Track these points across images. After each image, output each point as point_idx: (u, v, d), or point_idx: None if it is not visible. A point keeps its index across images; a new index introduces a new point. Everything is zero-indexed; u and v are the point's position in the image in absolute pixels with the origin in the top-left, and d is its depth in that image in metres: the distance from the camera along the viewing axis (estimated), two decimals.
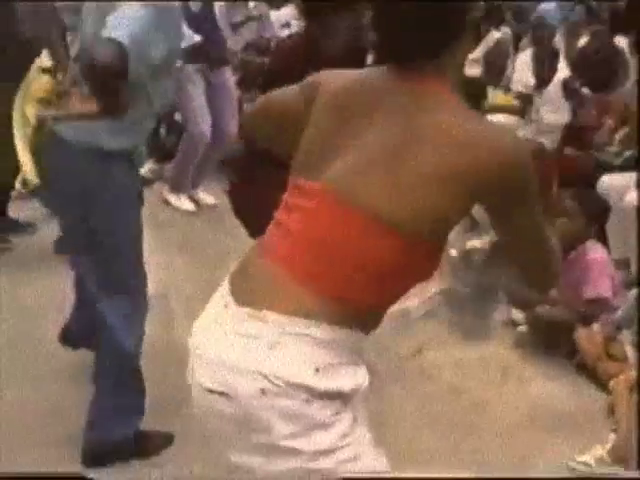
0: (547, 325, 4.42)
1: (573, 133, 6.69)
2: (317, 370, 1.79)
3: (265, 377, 1.78)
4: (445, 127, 1.79)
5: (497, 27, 8.06)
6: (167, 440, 3.53)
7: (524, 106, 7.05)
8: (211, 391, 1.85)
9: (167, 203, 6.57)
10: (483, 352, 4.43)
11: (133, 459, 3.40)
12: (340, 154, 1.88)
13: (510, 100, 7.34)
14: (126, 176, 3.24)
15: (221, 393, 1.82)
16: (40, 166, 3.38)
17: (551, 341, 4.42)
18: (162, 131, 7.34)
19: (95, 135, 3.10)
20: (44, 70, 4.09)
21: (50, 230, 4.31)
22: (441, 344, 4.50)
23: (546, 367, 4.29)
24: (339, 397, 1.83)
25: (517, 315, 4.70)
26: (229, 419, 1.83)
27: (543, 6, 8.87)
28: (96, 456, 3.36)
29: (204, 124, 6.36)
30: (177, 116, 7.00)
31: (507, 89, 7.62)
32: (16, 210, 5.72)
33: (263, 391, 1.78)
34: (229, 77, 6.64)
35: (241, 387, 1.80)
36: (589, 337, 4.25)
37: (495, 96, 7.30)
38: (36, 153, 3.42)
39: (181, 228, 6.14)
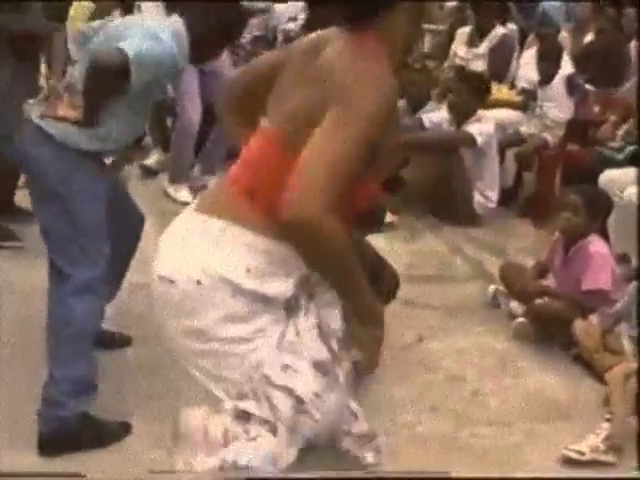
0: (545, 317, 4.46)
1: (576, 129, 6.75)
2: (248, 270, 2.09)
3: (202, 270, 2.10)
4: (333, 54, 2.09)
5: (503, 23, 8.08)
6: (125, 429, 3.58)
7: (528, 101, 7.10)
8: (161, 277, 2.17)
9: (167, 194, 6.54)
10: (482, 342, 4.48)
11: (88, 447, 3.42)
12: (283, 93, 2.20)
13: (514, 95, 7.38)
14: (92, 173, 3.49)
15: (168, 279, 2.15)
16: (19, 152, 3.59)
17: (549, 333, 4.47)
18: (167, 122, 7.37)
19: (71, 135, 3.40)
20: None
21: None
22: (441, 334, 4.55)
23: (543, 358, 4.34)
24: (263, 300, 2.12)
25: (515, 307, 4.74)
26: (171, 303, 2.15)
27: (548, 2, 8.90)
28: (50, 438, 3.41)
29: (193, 112, 6.35)
30: None
31: (511, 84, 7.66)
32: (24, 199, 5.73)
33: (199, 282, 2.09)
34: (223, 64, 6.58)
35: (182, 276, 2.12)
36: (587, 329, 4.30)
37: (499, 91, 7.33)
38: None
39: None
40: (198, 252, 2.12)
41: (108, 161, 3.72)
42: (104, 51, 3.28)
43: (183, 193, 6.42)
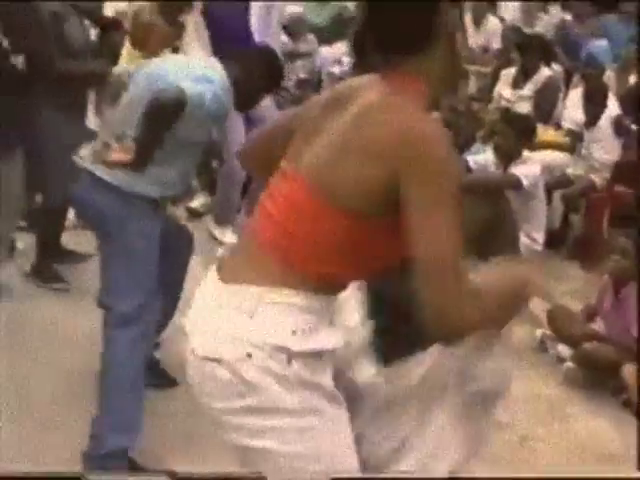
0: (594, 362, 4.41)
1: (623, 170, 6.70)
2: (294, 332, 2.00)
3: (249, 343, 1.98)
4: (376, 108, 2.01)
5: (548, 64, 8.07)
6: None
7: (574, 143, 7.06)
8: (206, 358, 2.04)
9: (213, 237, 6.56)
10: (530, 388, 4.43)
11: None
12: (315, 141, 2.10)
13: (560, 137, 7.35)
14: (147, 215, 3.59)
15: (214, 359, 2.02)
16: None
17: (598, 378, 4.41)
18: (214, 164, 7.42)
19: (125, 180, 3.51)
20: None
21: None
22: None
23: (593, 404, 4.28)
24: (316, 356, 2.03)
25: (564, 351, 4.69)
26: (224, 382, 2.01)
27: (594, 43, 8.88)
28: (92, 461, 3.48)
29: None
30: None
31: (557, 126, 7.63)
32: (71, 241, 5.79)
33: (249, 355, 1.98)
34: (268, 112, 6.63)
35: (230, 353, 2.00)
36: (637, 374, 4.24)
37: (545, 133, 7.30)
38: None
39: None
40: (240, 325, 2.01)
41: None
42: (165, 89, 3.34)
43: (229, 235, 6.46)
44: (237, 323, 2.02)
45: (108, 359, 3.58)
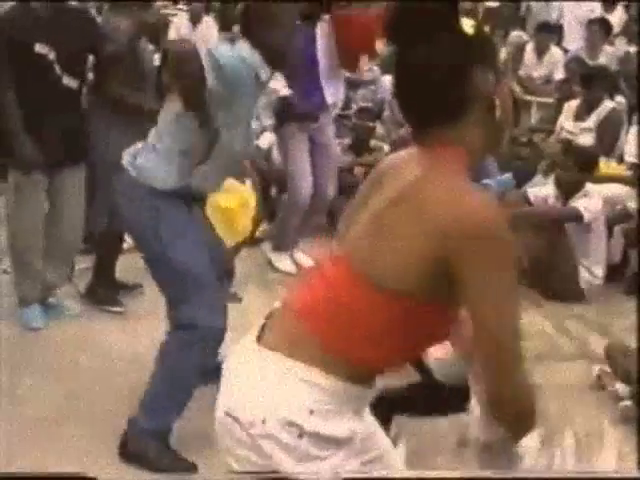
0: None
1: None
2: (311, 412, 2.01)
3: (267, 410, 2.01)
4: (422, 188, 1.95)
5: (611, 96, 8.00)
6: (187, 468, 3.78)
7: (637, 177, 6.98)
8: (227, 414, 2.09)
9: (270, 263, 6.58)
10: (587, 425, 4.36)
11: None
12: (359, 220, 2.10)
13: (622, 170, 7.27)
14: (176, 211, 3.75)
15: (233, 417, 2.07)
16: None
17: None
18: (273, 191, 7.47)
19: (155, 176, 3.73)
20: None
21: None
22: (545, 415, 4.44)
23: None
24: (331, 441, 2.03)
25: (622, 389, 4.62)
26: (238, 441, 2.07)
27: None
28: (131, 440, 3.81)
29: (305, 186, 6.32)
30: None
31: (620, 159, 7.55)
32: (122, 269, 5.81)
33: (264, 421, 2.01)
34: (332, 137, 6.66)
35: (247, 415, 2.04)
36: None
37: (607, 166, 7.23)
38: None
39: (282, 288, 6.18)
40: (262, 392, 2.04)
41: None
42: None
43: (286, 263, 6.47)
44: (260, 389, 2.05)
45: (159, 361, 3.80)
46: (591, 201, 6.22)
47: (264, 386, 2.04)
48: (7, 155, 4.98)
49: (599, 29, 9.78)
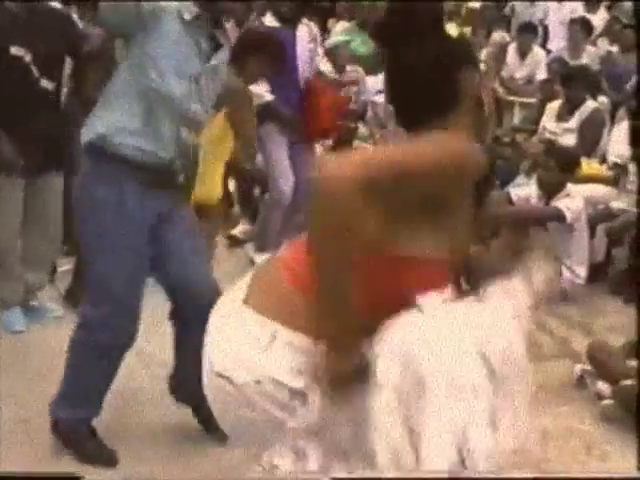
0: (634, 399, 4.34)
1: None
2: (300, 372, 2.19)
3: (259, 372, 2.20)
4: None
5: (593, 96, 8.01)
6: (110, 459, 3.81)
7: (619, 176, 7.00)
8: (219, 374, 2.25)
9: (253, 263, 6.52)
10: (567, 424, 4.38)
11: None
12: None
13: (604, 170, 7.29)
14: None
15: (226, 377, 2.23)
16: None
17: (637, 415, 4.34)
18: (255, 191, 7.46)
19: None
20: None
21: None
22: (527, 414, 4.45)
23: (631, 442, 4.20)
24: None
25: (604, 388, 4.63)
26: (235, 400, 2.23)
27: None
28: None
29: (285, 184, 6.38)
30: None
31: (602, 159, 7.57)
32: None
33: (258, 381, 2.20)
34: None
35: (240, 376, 2.21)
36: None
37: (589, 166, 7.24)
38: None
39: None
40: (253, 355, 2.20)
41: None
42: None
43: None
44: (251, 352, 2.21)
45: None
46: (573, 201, 6.24)
47: (254, 349, 2.20)
48: None
49: (580, 29, 9.79)
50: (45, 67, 4.81)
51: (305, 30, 6.60)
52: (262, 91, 6.05)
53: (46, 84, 4.84)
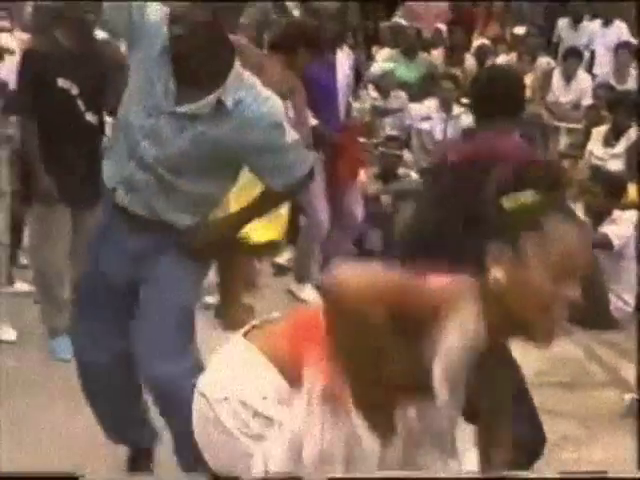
0: None
1: None
2: (264, 398, 2.25)
3: (229, 390, 2.27)
4: None
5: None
6: None
7: None
8: (199, 392, 2.36)
9: (292, 294, 6.51)
10: (617, 454, 4.30)
11: None
12: None
13: None
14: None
15: (201, 394, 2.34)
16: None
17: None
18: (301, 219, 7.45)
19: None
20: None
21: None
22: (574, 444, 4.40)
23: None
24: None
25: None
26: (206, 418, 2.32)
27: None
28: None
29: (322, 212, 6.33)
30: None
31: None
32: None
33: (226, 399, 2.26)
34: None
35: (213, 393, 2.30)
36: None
37: (635, 191, 7.16)
38: None
39: None
40: (228, 374, 2.32)
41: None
42: None
43: (307, 291, 6.43)
44: (228, 372, 2.32)
45: None
46: (620, 227, 6.17)
47: (232, 369, 2.32)
48: (30, 187, 5.04)
49: (626, 53, 9.74)
50: (91, 101, 4.86)
51: (345, 56, 6.63)
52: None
53: (91, 118, 4.88)
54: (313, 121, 6.07)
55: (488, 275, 2.10)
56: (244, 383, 2.27)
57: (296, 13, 9.16)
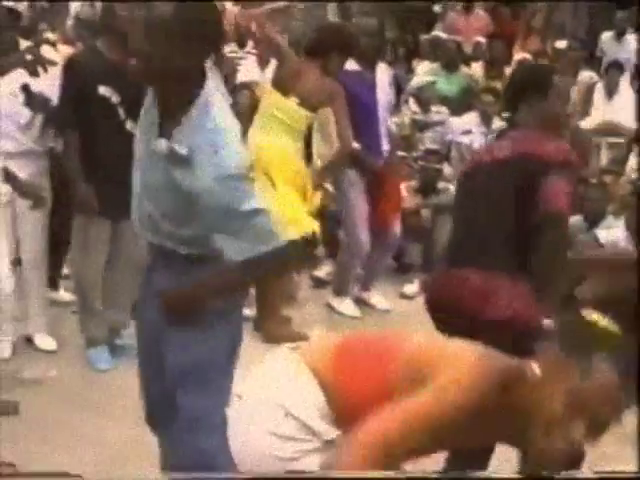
0: None
1: None
2: (303, 404, 2.31)
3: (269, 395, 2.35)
4: None
5: None
6: None
7: None
8: (235, 395, 2.49)
9: (331, 308, 6.51)
10: None
11: None
12: None
13: None
14: None
15: (237, 395, 2.46)
16: None
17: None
18: (340, 233, 7.44)
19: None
20: None
21: None
22: (607, 459, 4.33)
23: None
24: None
25: None
26: (238, 416, 2.41)
27: None
28: None
29: (362, 233, 6.30)
30: None
31: None
32: None
33: (263, 399, 2.34)
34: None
35: (251, 395, 2.40)
36: None
37: None
38: None
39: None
40: (265, 378, 2.41)
41: None
42: None
43: (347, 306, 6.42)
44: (264, 376, 2.42)
45: None
46: None
47: (271, 374, 2.39)
48: (71, 198, 5.09)
49: None
50: (131, 109, 4.85)
51: (384, 74, 6.61)
52: None
53: (130, 126, 4.87)
54: (355, 144, 6.00)
55: (529, 364, 2.23)
56: (283, 387, 2.33)
57: None
